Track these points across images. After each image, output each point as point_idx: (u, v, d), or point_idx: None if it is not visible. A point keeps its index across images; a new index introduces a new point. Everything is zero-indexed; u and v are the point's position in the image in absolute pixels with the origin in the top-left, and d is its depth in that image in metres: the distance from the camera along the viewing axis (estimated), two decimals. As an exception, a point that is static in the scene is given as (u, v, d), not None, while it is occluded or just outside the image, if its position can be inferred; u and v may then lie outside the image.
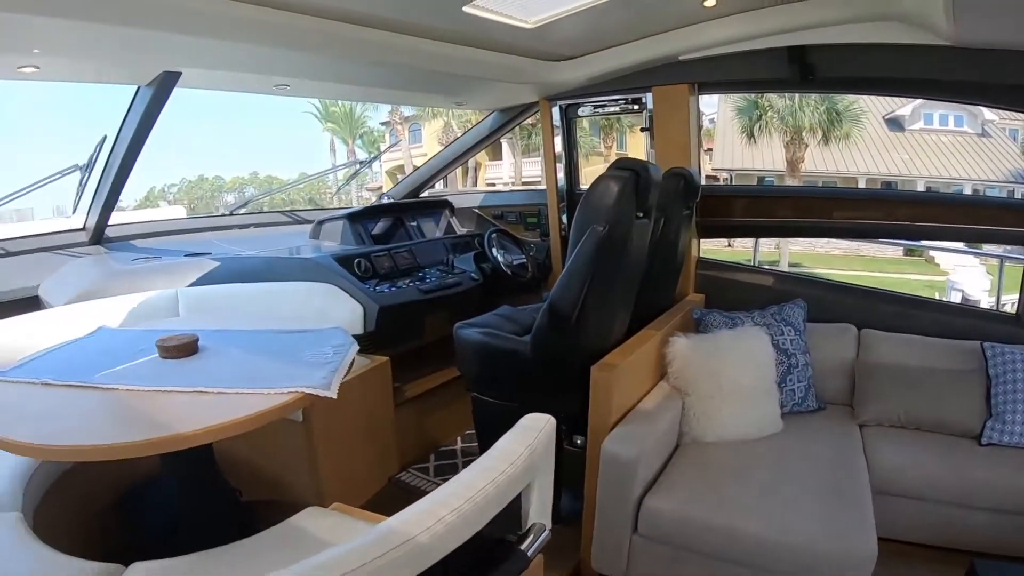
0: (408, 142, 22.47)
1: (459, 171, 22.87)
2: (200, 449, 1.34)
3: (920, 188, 13.89)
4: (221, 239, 3.18)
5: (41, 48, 1.85)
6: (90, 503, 1.87)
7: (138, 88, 2.30)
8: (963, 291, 11.81)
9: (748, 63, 2.57)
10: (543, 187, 3.56)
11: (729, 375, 2.15)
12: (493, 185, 20.49)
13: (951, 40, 2.06)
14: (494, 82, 2.96)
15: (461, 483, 0.79)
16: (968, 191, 13.79)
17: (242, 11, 1.78)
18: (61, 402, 1.30)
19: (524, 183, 19.33)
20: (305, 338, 1.65)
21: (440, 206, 3.65)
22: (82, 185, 2.59)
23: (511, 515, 0.93)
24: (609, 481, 1.81)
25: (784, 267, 13.47)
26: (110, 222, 2.77)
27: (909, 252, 14.09)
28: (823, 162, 15.44)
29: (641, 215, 1.96)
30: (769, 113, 15.12)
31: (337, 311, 2.42)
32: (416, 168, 4.14)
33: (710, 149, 17.73)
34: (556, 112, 3.27)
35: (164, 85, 2.19)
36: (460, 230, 3.60)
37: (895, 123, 15.71)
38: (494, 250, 3.11)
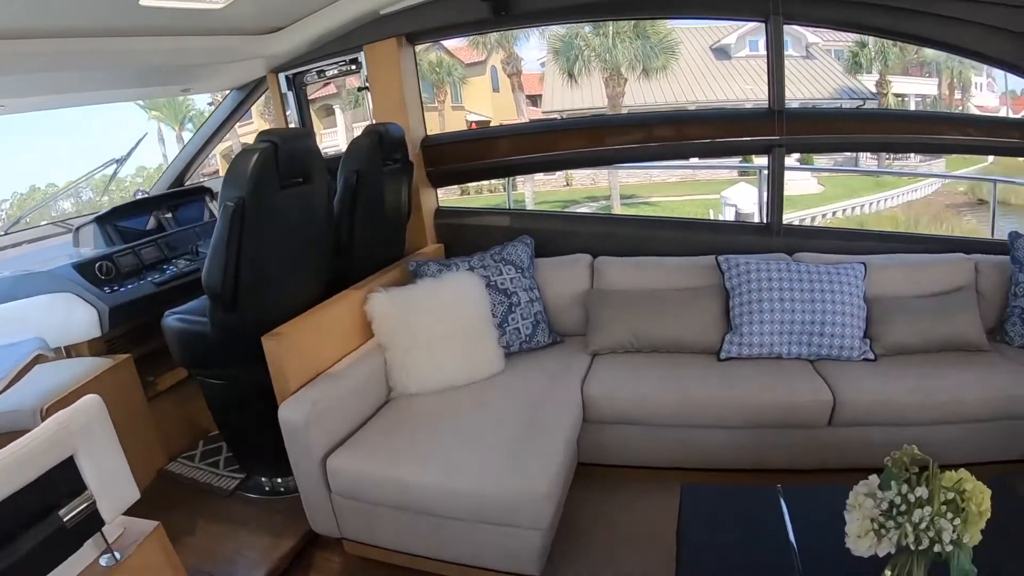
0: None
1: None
2: None
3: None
4: None
5: None
6: None
7: None
8: (736, 206, 11.50)
9: (445, 8, 2.56)
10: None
11: (424, 326, 2.11)
12: (327, 152, 20.69)
13: None
14: (213, 65, 2.82)
15: None
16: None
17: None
18: None
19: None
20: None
21: (198, 193, 3.52)
22: None
23: (71, 483, 1.05)
24: (293, 445, 1.78)
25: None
26: None
27: (744, 173, 14.22)
28: (642, 95, 15.70)
29: (301, 180, 1.93)
30: (586, 52, 15.22)
31: (77, 318, 2.39)
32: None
33: (537, 95, 17.72)
34: (284, 82, 3.20)
35: None
36: None
37: (722, 52, 16.36)
38: None
